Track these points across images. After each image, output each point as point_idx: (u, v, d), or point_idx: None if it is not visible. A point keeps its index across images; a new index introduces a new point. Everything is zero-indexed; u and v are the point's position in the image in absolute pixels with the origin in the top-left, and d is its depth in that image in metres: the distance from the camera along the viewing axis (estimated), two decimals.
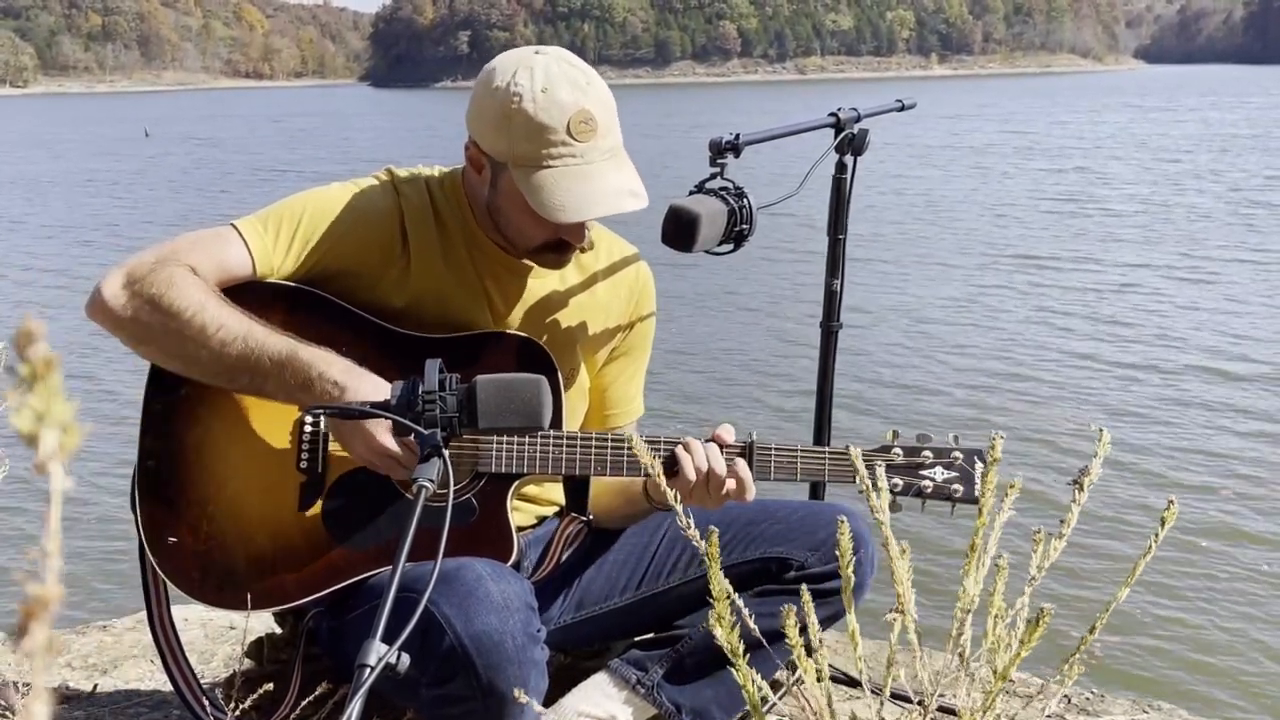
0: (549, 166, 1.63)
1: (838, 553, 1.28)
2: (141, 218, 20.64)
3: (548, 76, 1.64)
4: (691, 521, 1.24)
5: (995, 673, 1.31)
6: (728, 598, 1.16)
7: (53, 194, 24.88)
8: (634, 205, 1.66)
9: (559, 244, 1.74)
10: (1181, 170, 23.87)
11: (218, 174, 28.98)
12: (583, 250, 1.83)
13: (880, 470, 1.39)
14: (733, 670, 1.17)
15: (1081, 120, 42.22)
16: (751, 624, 1.29)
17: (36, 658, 0.37)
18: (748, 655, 1.18)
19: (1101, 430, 1.40)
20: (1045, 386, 8.80)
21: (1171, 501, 1.35)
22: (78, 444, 0.38)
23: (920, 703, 1.38)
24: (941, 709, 1.62)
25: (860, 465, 1.79)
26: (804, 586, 1.27)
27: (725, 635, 1.17)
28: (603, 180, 1.65)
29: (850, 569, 1.31)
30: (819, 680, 1.24)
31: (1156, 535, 1.35)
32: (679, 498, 1.27)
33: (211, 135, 47.69)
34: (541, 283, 1.86)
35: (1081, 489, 1.38)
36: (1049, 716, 2.40)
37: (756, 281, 13.06)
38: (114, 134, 49.66)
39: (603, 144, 1.65)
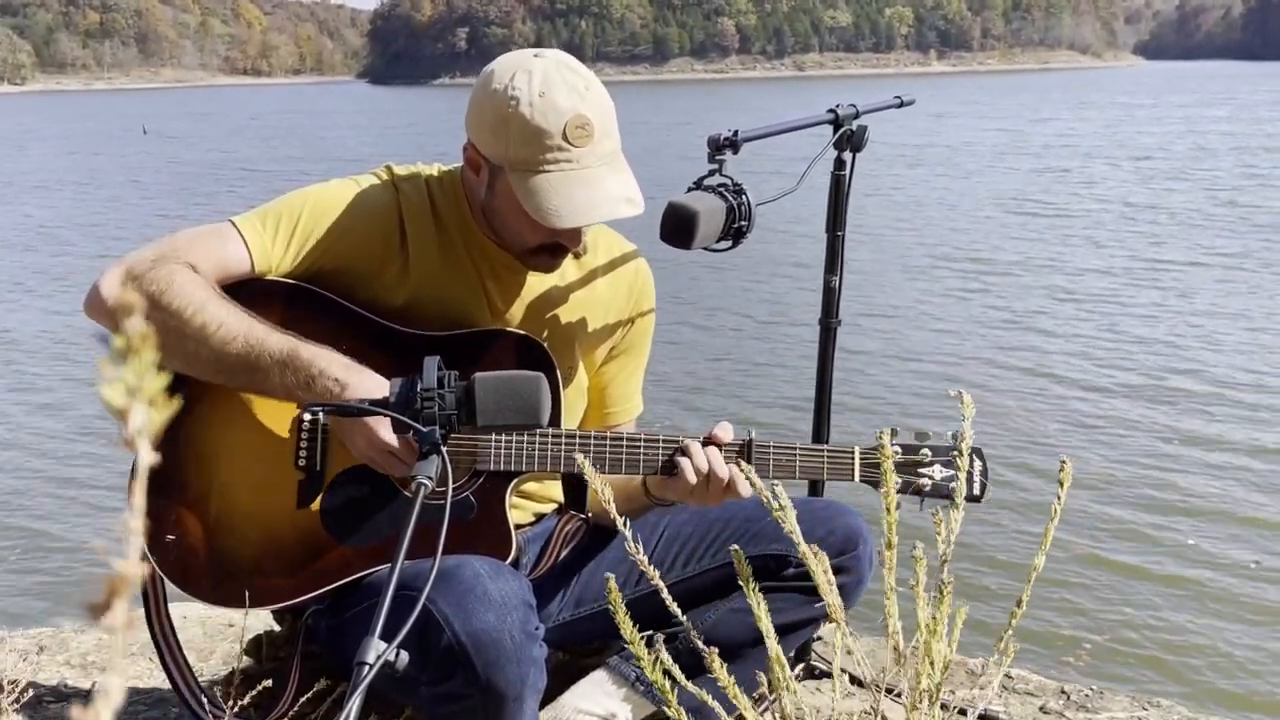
0: (545, 171, 1.63)
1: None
2: (108, 216, 20.45)
3: (545, 80, 1.63)
4: (639, 548, 1.28)
5: (929, 661, 1.33)
6: (644, 636, 1.19)
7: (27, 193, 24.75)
8: (630, 212, 1.65)
9: (554, 247, 1.74)
10: (1158, 169, 23.77)
11: (189, 175, 28.62)
12: (577, 255, 1.83)
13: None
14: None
15: (1068, 118, 42.01)
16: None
17: (116, 635, 0.37)
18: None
19: (962, 393, 1.43)
20: (1019, 392, 8.74)
21: (1064, 462, 1.40)
22: (165, 420, 0.38)
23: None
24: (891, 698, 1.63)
25: (856, 463, 1.80)
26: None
27: (650, 671, 1.21)
28: (599, 186, 1.64)
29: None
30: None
31: (1059, 498, 1.41)
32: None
33: (190, 133, 47.21)
34: (540, 280, 1.85)
35: (961, 454, 1.44)
36: (1048, 713, 2.40)
37: (755, 278, 13.04)
38: (107, 131, 49.36)
39: (600, 149, 1.64)
